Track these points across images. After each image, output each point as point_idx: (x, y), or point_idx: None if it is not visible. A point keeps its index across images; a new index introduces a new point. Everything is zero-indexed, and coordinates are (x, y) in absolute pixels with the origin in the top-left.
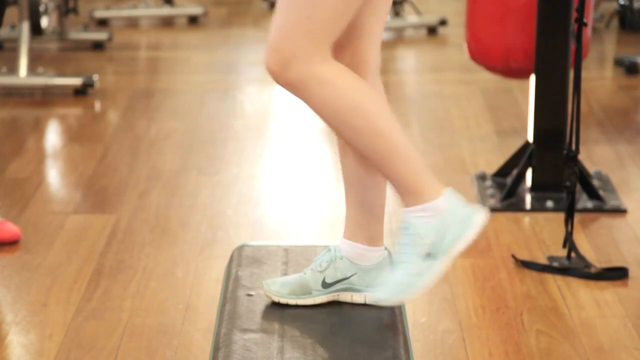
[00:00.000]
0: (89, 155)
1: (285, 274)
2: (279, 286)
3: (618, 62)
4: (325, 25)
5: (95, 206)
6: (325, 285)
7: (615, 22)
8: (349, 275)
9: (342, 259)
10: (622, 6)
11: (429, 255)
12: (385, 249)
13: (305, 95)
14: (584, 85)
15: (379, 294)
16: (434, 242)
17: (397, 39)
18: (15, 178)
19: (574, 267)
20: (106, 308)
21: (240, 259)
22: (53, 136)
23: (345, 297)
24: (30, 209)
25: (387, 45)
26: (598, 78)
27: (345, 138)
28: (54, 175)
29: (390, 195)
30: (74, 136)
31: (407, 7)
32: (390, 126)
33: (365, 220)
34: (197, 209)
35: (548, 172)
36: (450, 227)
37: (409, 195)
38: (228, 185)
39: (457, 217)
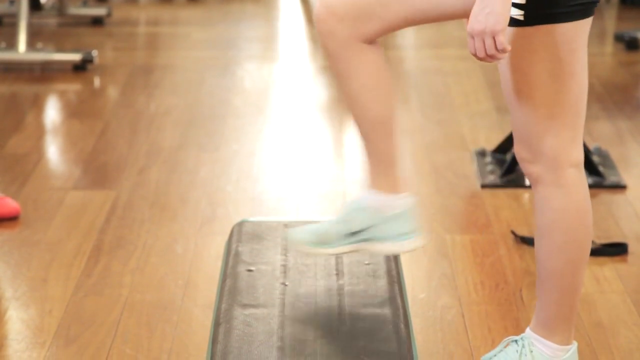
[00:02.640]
0: (89, 131)
1: (285, 249)
2: (308, 234)
3: (618, 38)
4: (581, 115)
5: (95, 182)
6: (347, 235)
7: None
8: (371, 225)
9: (365, 209)
10: None
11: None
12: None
13: (537, 187)
14: None
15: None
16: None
17: None
18: (15, 154)
19: None
20: (106, 284)
21: (240, 235)
22: (52, 112)
23: (367, 247)
24: (29, 185)
25: None
26: (598, 54)
27: (541, 244)
28: (53, 151)
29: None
30: (73, 112)
31: None
32: (584, 264)
33: (383, 168)
34: (197, 185)
35: None
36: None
37: (545, 328)
38: (228, 162)
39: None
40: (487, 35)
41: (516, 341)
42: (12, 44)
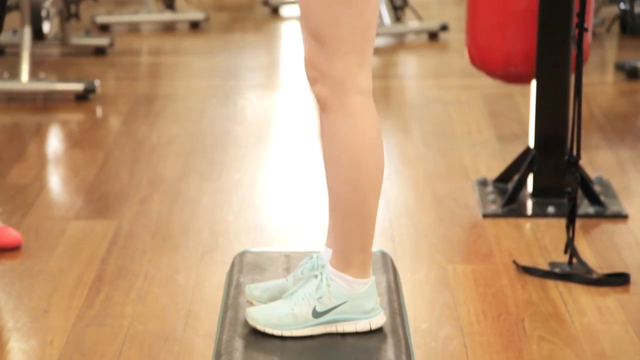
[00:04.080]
0: (91, 161)
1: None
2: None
3: (619, 67)
4: (358, 37)
5: (97, 212)
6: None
7: (616, 27)
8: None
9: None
10: (623, 11)
11: (315, 313)
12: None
13: (327, 115)
14: (585, 90)
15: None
16: (328, 306)
17: (398, 44)
18: (17, 184)
19: (575, 273)
20: (107, 314)
21: (242, 265)
22: (54, 141)
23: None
24: (31, 215)
25: (388, 51)
26: (599, 83)
27: (327, 172)
28: (55, 181)
29: (391, 200)
30: (75, 141)
31: (408, 13)
32: (374, 192)
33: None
34: (199, 215)
35: (549, 178)
36: (351, 309)
37: (342, 261)
38: (229, 191)
39: (363, 307)
40: None
41: (316, 276)
42: (14, 74)
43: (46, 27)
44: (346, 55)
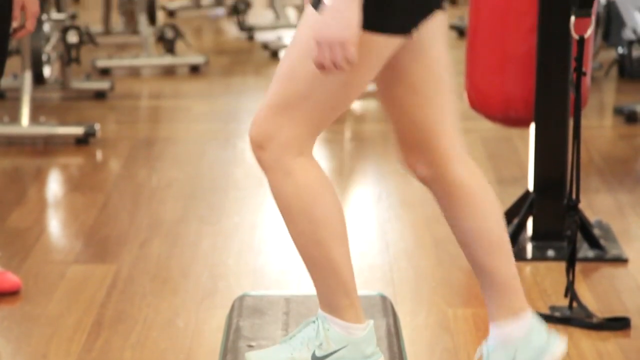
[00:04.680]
0: (90, 205)
1: (286, 324)
2: None
3: (617, 111)
4: (319, 114)
5: (96, 256)
6: (316, 359)
7: (614, 71)
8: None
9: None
10: (621, 55)
11: (314, 358)
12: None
13: (268, 176)
14: (584, 134)
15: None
16: (327, 351)
17: None
18: (17, 228)
19: (575, 317)
20: (107, 359)
21: (241, 309)
22: (54, 185)
23: None
24: (31, 259)
25: None
26: (598, 127)
27: (288, 231)
28: (55, 225)
29: (391, 243)
30: (75, 185)
31: None
32: (337, 245)
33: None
34: (198, 259)
35: (549, 221)
36: (350, 353)
37: (328, 307)
38: (229, 234)
39: (363, 352)
40: (337, 45)
41: (314, 321)
42: (15, 118)
43: (47, 71)
44: (299, 125)
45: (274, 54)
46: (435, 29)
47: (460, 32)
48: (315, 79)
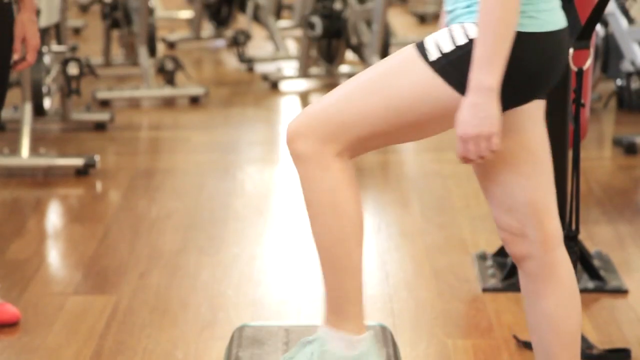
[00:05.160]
0: (90, 236)
1: None
2: None
3: (617, 142)
4: (370, 137)
5: (96, 287)
6: None
7: (613, 103)
8: None
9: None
10: (620, 87)
11: None
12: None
13: (303, 167)
14: (583, 165)
15: None
16: None
17: None
18: (16, 259)
19: None
20: None
21: (241, 340)
22: (54, 217)
23: None
24: (30, 290)
25: None
26: (597, 158)
27: (312, 228)
28: (54, 256)
29: (391, 274)
30: (75, 216)
31: None
32: (358, 247)
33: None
34: (198, 289)
35: None
36: None
37: (335, 315)
38: (228, 265)
39: None
40: (482, 139)
41: (310, 342)
42: (15, 150)
43: (47, 103)
44: (355, 138)
45: (274, 85)
46: (535, 113)
47: None
48: (386, 110)
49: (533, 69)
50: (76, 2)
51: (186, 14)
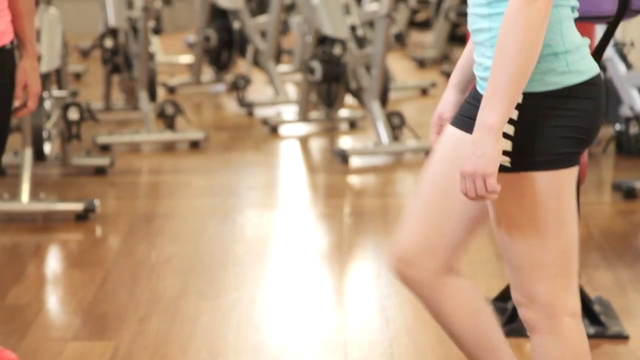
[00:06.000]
0: (89, 281)
1: None
2: None
3: (616, 187)
4: (560, 262)
5: (95, 332)
6: None
7: (612, 147)
8: None
9: None
10: (619, 132)
11: None
12: None
13: (533, 334)
14: (583, 209)
15: None
16: None
17: (396, 162)
18: (15, 304)
19: None
20: None
21: None
22: (53, 262)
23: None
24: (29, 336)
25: (386, 169)
26: (596, 203)
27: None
28: (53, 302)
29: (391, 319)
30: (74, 261)
31: (405, 132)
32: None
33: None
34: (197, 334)
35: None
36: None
37: None
38: (228, 310)
39: None
40: (478, 177)
41: None
42: (15, 195)
43: (47, 148)
44: (551, 279)
45: (274, 130)
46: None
47: None
48: (531, 232)
49: (597, 113)
50: (77, 48)
51: (186, 58)
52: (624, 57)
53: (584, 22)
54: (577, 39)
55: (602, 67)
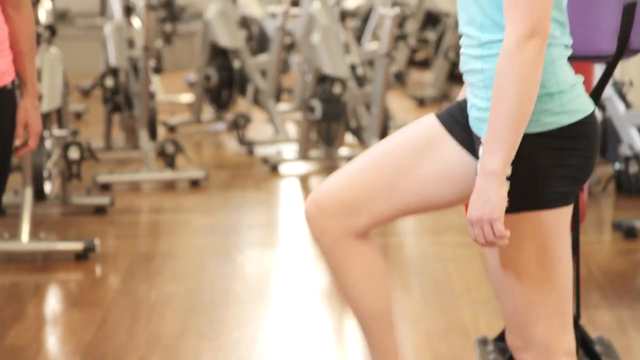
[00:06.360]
0: (89, 321)
1: None
2: None
3: (616, 226)
4: (557, 302)
5: None
6: None
7: (612, 186)
8: None
9: None
10: (618, 171)
11: None
12: None
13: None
14: (583, 248)
15: None
16: None
17: None
18: (15, 345)
19: None
20: None
21: None
22: (53, 302)
23: None
24: None
25: None
26: (597, 242)
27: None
28: (53, 342)
29: None
30: (74, 301)
31: None
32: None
33: None
34: None
35: None
36: None
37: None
38: (229, 350)
39: None
40: (485, 223)
41: None
42: (15, 234)
43: (47, 187)
44: (549, 319)
45: (274, 168)
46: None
47: None
48: (529, 276)
49: (592, 152)
50: (78, 87)
51: (187, 97)
52: (623, 97)
53: (582, 61)
54: (570, 78)
55: (601, 107)
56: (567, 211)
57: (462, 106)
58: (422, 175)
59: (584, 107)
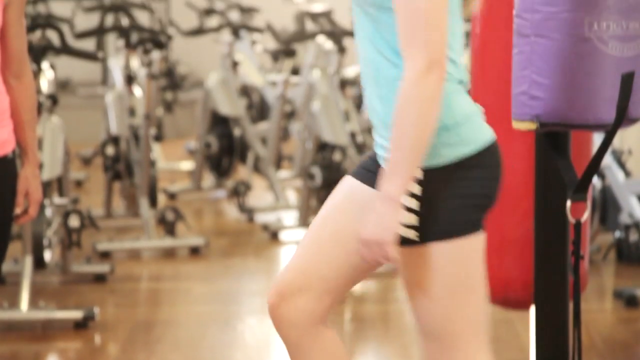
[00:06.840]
0: None
1: None
2: None
3: (617, 295)
4: (472, 328)
5: None
6: None
7: (612, 255)
8: None
9: None
10: (618, 239)
11: None
12: None
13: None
14: (584, 317)
15: None
16: None
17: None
18: None
19: None
20: None
21: None
22: None
23: None
24: None
25: (387, 274)
26: (598, 310)
27: None
28: None
29: None
30: None
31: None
32: None
33: None
34: None
35: None
36: None
37: None
38: None
39: None
40: (375, 245)
41: None
42: (14, 303)
43: (47, 255)
44: (465, 345)
45: (274, 236)
46: None
47: None
48: (444, 302)
49: (492, 179)
50: (78, 155)
51: (187, 165)
52: (622, 165)
53: (581, 130)
54: (466, 110)
55: (601, 175)
56: (475, 239)
57: (372, 155)
58: (355, 233)
59: (481, 136)
